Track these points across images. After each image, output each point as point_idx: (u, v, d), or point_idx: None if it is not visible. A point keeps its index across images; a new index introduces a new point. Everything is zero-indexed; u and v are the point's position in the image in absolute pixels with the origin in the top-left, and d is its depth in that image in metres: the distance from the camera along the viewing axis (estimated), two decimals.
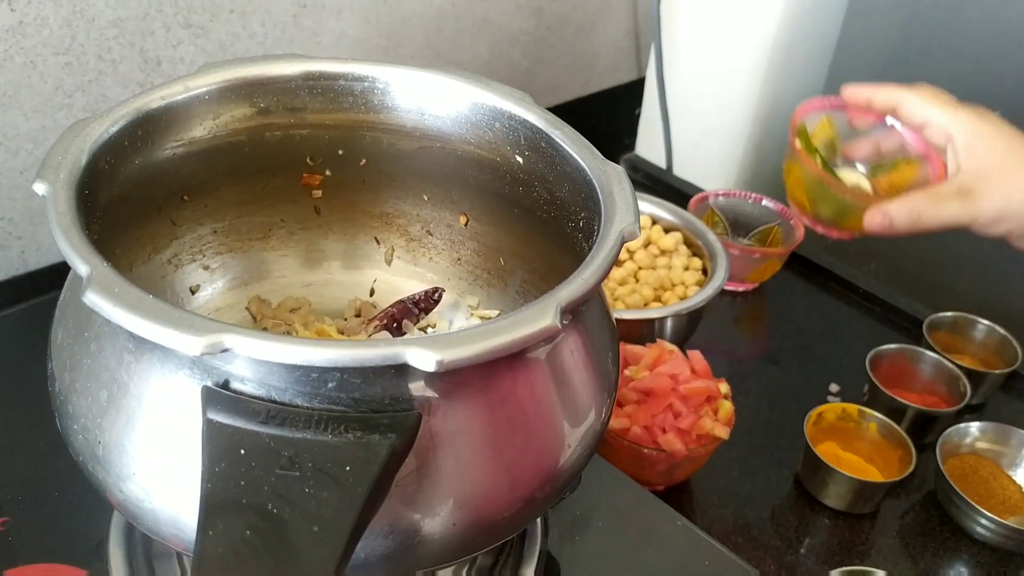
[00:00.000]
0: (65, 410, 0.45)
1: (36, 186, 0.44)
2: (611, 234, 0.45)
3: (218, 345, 0.36)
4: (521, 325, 0.39)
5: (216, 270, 0.63)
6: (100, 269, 0.39)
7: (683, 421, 0.77)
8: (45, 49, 0.72)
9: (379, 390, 0.40)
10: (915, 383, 0.92)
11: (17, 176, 0.76)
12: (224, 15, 0.81)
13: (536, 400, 0.45)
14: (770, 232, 1.11)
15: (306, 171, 0.62)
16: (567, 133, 0.53)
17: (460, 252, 0.65)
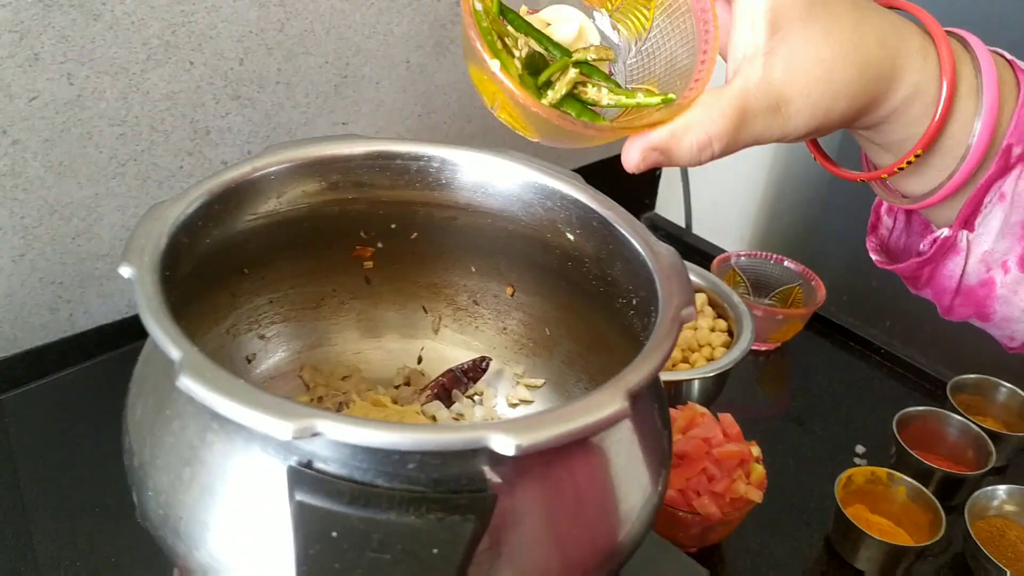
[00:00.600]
0: (144, 485, 0.46)
1: (122, 269, 0.45)
2: (670, 317, 0.47)
3: (309, 429, 0.38)
4: (593, 410, 0.41)
5: (271, 339, 0.65)
6: (191, 353, 0.41)
7: (717, 484, 0.79)
8: (101, 121, 0.75)
9: (456, 471, 0.41)
10: (942, 446, 0.94)
11: (69, 242, 0.78)
12: (271, 86, 0.84)
13: (598, 479, 0.46)
14: (791, 292, 1.13)
15: (359, 244, 0.64)
16: (619, 214, 0.55)
17: (506, 322, 0.67)
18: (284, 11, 0.81)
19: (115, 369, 0.84)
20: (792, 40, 0.41)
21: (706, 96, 0.42)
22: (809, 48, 0.41)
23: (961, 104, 0.44)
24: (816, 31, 0.41)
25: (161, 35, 0.75)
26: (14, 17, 0.67)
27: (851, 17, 0.42)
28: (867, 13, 0.43)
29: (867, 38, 0.42)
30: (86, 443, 0.75)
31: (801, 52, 0.41)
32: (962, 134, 0.44)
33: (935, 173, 0.46)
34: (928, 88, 0.43)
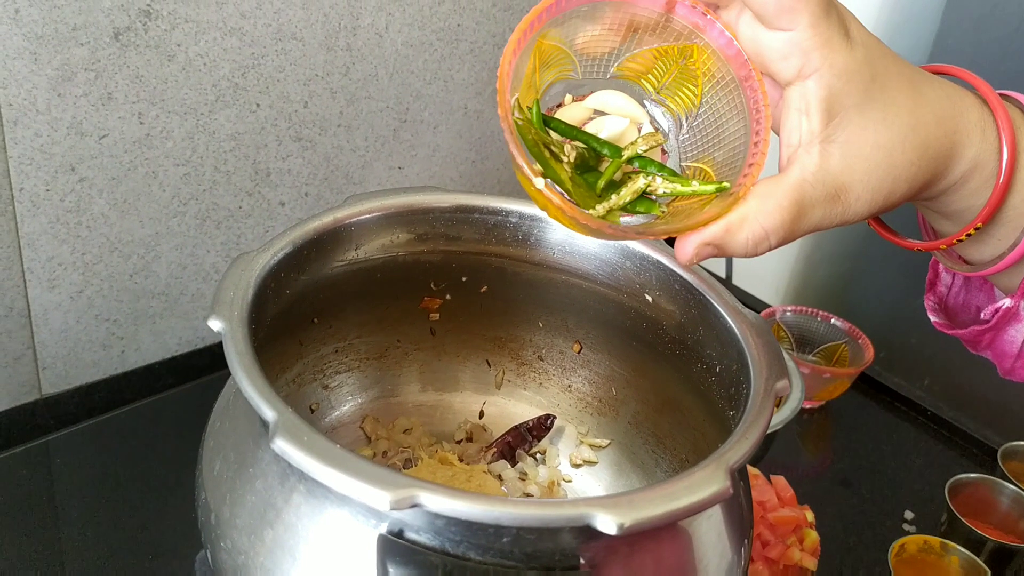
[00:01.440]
0: (222, 544, 0.45)
1: (212, 323, 0.45)
2: (764, 390, 0.46)
3: (408, 500, 0.37)
4: (696, 489, 0.39)
5: (334, 389, 0.64)
6: (285, 415, 0.40)
7: (771, 551, 0.77)
8: (167, 160, 0.75)
9: (551, 546, 0.40)
10: (993, 515, 0.92)
11: (127, 279, 0.77)
12: (332, 129, 0.84)
13: (686, 558, 0.45)
14: (837, 350, 1.12)
15: (428, 295, 0.64)
16: (703, 278, 0.55)
17: (571, 379, 0.66)
18: (351, 55, 0.81)
19: (163, 410, 0.84)
20: (849, 126, 0.39)
21: (762, 186, 0.40)
22: (867, 134, 0.39)
23: (1022, 173, 0.42)
24: (873, 116, 0.39)
25: (231, 77, 0.75)
26: (91, 56, 0.67)
27: (908, 98, 0.40)
28: (923, 91, 0.41)
29: (925, 118, 0.40)
30: (128, 485, 0.74)
31: (859, 138, 0.39)
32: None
33: (997, 242, 0.45)
34: (988, 160, 0.42)
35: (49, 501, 0.72)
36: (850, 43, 0.38)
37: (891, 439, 1.07)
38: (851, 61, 0.38)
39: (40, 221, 0.70)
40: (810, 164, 0.39)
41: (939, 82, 0.42)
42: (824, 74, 0.38)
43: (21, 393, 0.76)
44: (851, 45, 0.38)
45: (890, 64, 0.40)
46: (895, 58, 0.40)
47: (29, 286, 0.72)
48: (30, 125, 0.67)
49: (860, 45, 0.39)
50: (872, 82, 0.38)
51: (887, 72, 0.39)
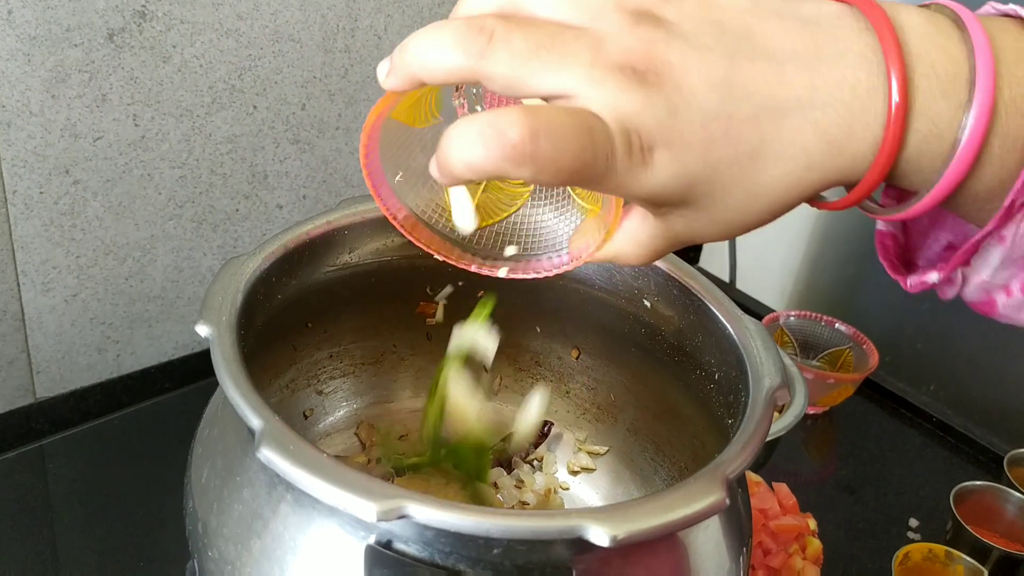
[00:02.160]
0: (209, 554, 0.44)
1: (200, 328, 0.44)
2: (763, 399, 0.45)
3: (395, 511, 0.36)
4: (691, 501, 0.39)
5: (329, 394, 0.63)
6: (272, 423, 0.39)
7: (773, 559, 0.76)
8: (163, 163, 0.74)
9: (542, 558, 0.39)
10: (999, 523, 0.91)
11: (122, 283, 0.77)
12: (330, 132, 0.83)
13: (684, 566, 0.44)
14: (841, 355, 1.11)
15: (423, 300, 0.63)
16: (702, 284, 0.54)
17: (569, 385, 0.65)
18: (349, 57, 0.81)
19: (158, 414, 0.83)
20: (680, 214, 0.36)
21: (627, 227, 0.39)
22: (700, 216, 0.36)
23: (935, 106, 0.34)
24: (701, 206, 0.35)
25: (228, 79, 0.74)
26: (85, 57, 0.66)
27: (742, 180, 0.34)
28: (772, 157, 0.33)
29: (770, 186, 0.34)
30: (125, 491, 0.73)
31: (695, 218, 0.36)
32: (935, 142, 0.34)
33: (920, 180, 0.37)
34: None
35: (43, 506, 0.72)
36: (650, 174, 0.33)
37: (896, 445, 1.06)
38: (653, 189, 0.33)
39: (34, 224, 0.70)
40: (658, 226, 0.38)
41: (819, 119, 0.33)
42: (630, 200, 0.37)
43: (15, 397, 0.76)
44: (651, 175, 0.33)
45: (717, 157, 0.33)
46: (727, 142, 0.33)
47: (23, 289, 0.72)
48: (23, 127, 0.66)
49: (665, 168, 0.33)
50: (689, 190, 0.34)
51: (711, 171, 0.34)
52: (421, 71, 0.33)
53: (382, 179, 0.40)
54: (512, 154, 0.30)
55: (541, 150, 0.30)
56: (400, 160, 0.41)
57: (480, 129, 0.30)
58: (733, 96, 0.32)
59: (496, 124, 0.30)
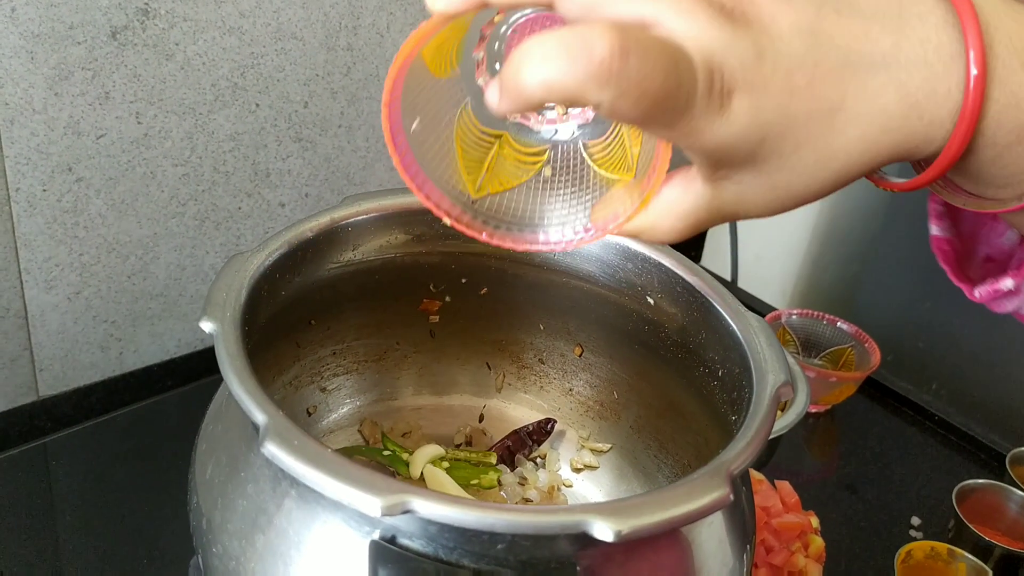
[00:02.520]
0: (213, 549, 0.44)
1: (204, 324, 0.44)
2: (768, 395, 0.45)
3: (400, 506, 0.36)
4: (694, 496, 0.39)
5: (332, 392, 0.63)
6: (277, 419, 0.39)
7: (775, 557, 0.76)
8: (165, 160, 0.74)
9: (546, 553, 0.39)
10: (1002, 521, 0.90)
11: (125, 280, 0.77)
12: (333, 130, 0.83)
13: (685, 565, 0.44)
14: (843, 353, 1.11)
15: (427, 297, 0.63)
16: (706, 280, 0.54)
17: (572, 383, 0.65)
18: (351, 55, 0.81)
19: (161, 412, 0.83)
20: (739, 175, 0.34)
21: (666, 197, 0.37)
22: (760, 179, 0.34)
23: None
24: (767, 166, 0.34)
25: (230, 76, 0.74)
26: (88, 55, 0.66)
27: (818, 138, 0.33)
28: (852, 114, 0.33)
29: (845, 149, 0.33)
30: (128, 488, 0.73)
31: (752, 183, 0.34)
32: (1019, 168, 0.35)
33: (1000, 192, 0.37)
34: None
35: (46, 503, 0.72)
36: (725, 120, 0.31)
37: (898, 444, 1.06)
38: (725, 139, 0.32)
39: (37, 221, 0.70)
40: (703, 196, 0.36)
41: (907, 70, 0.32)
42: (694, 152, 0.34)
43: (18, 395, 0.76)
44: (727, 122, 0.31)
45: (797, 109, 0.32)
46: (810, 93, 0.32)
47: (26, 287, 0.72)
48: (27, 124, 0.66)
49: (743, 115, 0.31)
50: (760, 144, 0.33)
51: (787, 125, 0.33)
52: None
53: (400, 125, 0.37)
54: (598, 70, 0.27)
55: (629, 69, 0.27)
56: (418, 107, 0.39)
57: (563, 41, 0.27)
58: (820, 46, 0.31)
59: (583, 36, 0.27)
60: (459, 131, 0.41)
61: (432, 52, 0.37)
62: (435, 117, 0.40)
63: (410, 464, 0.59)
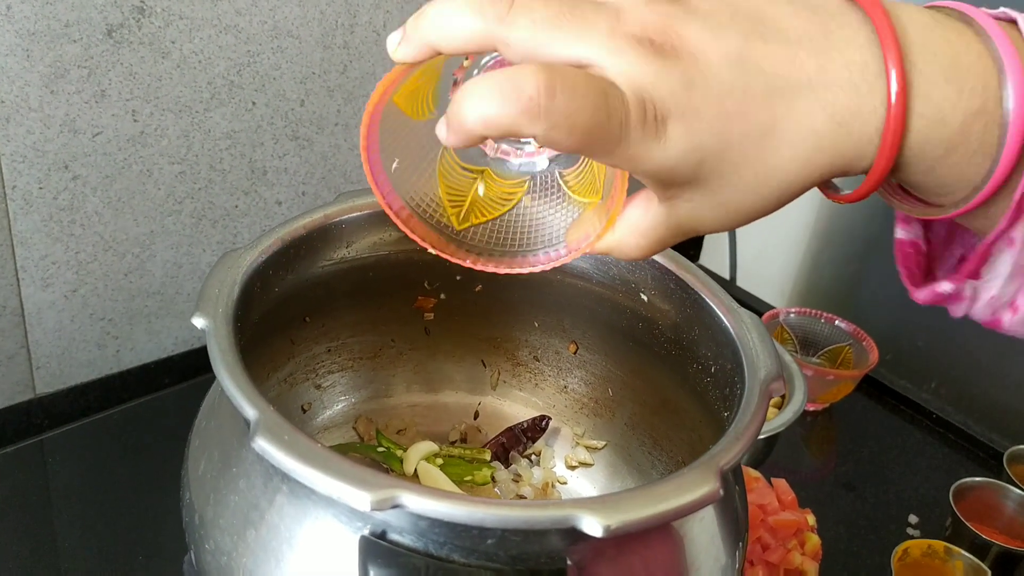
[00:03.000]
0: (205, 545, 0.44)
1: (196, 320, 0.44)
2: (759, 390, 0.45)
3: (389, 501, 0.36)
4: (684, 491, 0.39)
5: (327, 389, 0.63)
6: (267, 414, 0.39)
7: (772, 555, 0.76)
8: (162, 158, 0.74)
9: (536, 548, 0.39)
10: (999, 519, 0.90)
11: (122, 278, 0.77)
12: (329, 128, 0.83)
13: (677, 561, 0.44)
14: (841, 352, 1.11)
15: (422, 294, 0.63)
16: (699, 277, 0.54)
17: (567, 380, 0.65)
18: (348, 53, 0.81)
19: (158, 410, 0.83)
20: (687, 194, 0.36)
21: (628, 218, 0.39)
22: (707, 199, 0.36)
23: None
24: (710, 186, 0.35)
25: (226, 74, 0.74)
26: (84, 53, 0.67)
27: (754, 159, 0.34)
28: (784, 136, 0.34)
29: (781, 168, 0.35)
30: (125, 486, 0.73)
31: (701, 201, 0.36)
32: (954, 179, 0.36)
33: (943, 197, 0.38)
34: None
35: (43, 501, 0.72)
36: (663, 145, 0.33)
37: (896, 442, 1.06)
38: (664, 162, 0.33)
39: (33, 219, 0.70)
40: (660, 215, 0.38)
41: (831, 91, 0.34)
42: (639, 175, 0.36)
43: (15, 392, 0.76)
44: (664, 147, 0.33)
45: (730, 133, 0.33)
46: (742, 117, 0.33)
47: (22, 285, 0.72)
48: (22, 122, 0.66)
49: (679, 140, 0.33)
50: (699, 166, 0.34)
51: (723, 147, 0.34)
52: (438, 38, 0.33)
53: (380, 166, 0.40)
54: (528, 106, 0.30)
55: (557, 105, 0.30)
56: (397, 148, 0.41)
57: (496, 82, 0.30)
58: (747, 73, 0.33)
59: (513, 77, 0.30)
60: (442, 168, 0.44)
61: (406, 98, 0.40)
62: (416, 156, 0.42)
63: (404, 461, 0.60)
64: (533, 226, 0.44)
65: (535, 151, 0.44)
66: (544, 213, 0.44)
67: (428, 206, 0.43)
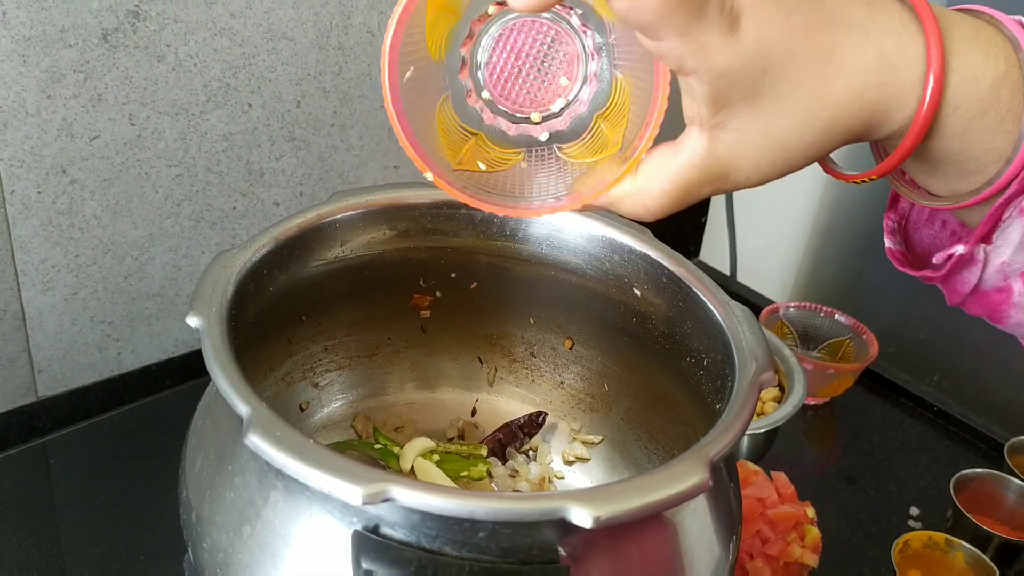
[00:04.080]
0: (201, 540, 0.45)
1: (190, 319, 0.45)
2: (748, 382, 0.46)
3: (380, 495, 0.37)
4: (674, 482, 0.39)
5: (325, 387, 0.64)
6: (260, 410, 0.40)
7: (771, 548, 0.76)
8: (159, 161, 0.75)
9: (528, 541, 0.40)
10: (999, 510, 0.90)
11: (121, 281, 0.77)
12: (326, 129, 0.84)
13: (670, 551, 0.44)
14: (841, 345, 1.11)
15: (417, 292, 0.63)
16: (691, 271, 0.54)
17: (563, 375, 0.66)
18: (343, 55, 0.81)
19: (159, 411, 0.84)
20: (738, 116, 0.37)
21: (654, 161, 0.39)
22: (758, 124, 0.37)
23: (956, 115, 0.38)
24: (766, 107, 0.37)
25: (222, 77, 0.75)
26: (80, 57, 0.67)
27: (812, 82, 0.37)
28: (839, 64, 0.37)
29: (834, 99, 0.37)
30: (127, 487, 0.74)
31: (749, 127, 0.37)
32: (984, 147, 0.39)
33: (959, 181, 0.41)
34: None
35: (46, 502, 0.73)
36: (735, 41, 0.35)
37: (896, 435, 1.06)
38: (733, 61, 0.35)
39: (32, 223, 0.71)
40: (698, 149, 0.38)
41: (878, 37, 0.37)
42: (703, 75, 0.36)
43: (17, 396, 0.77)
44: (736, 43, 0.35)
45: (798, 40, 0.36)
46: (806, 35, 0.36)
47: (23, 289, 0.72)
48: (20, 127, 0.67)
49: (751, 39, 0.35)
50: (763, 75, 0.36)
51: (787, 56, 0.36)
52: None
53: (397, 63, 0.39)
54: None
55: None
56: (412, 62, 0.40)
57: None
58: (809, 1, 0.36)
59: None
60: (440, 116, 0.43)
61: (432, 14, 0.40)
62: (423, 86, 0.42)
63: (401, 458, 0.60)
64: (533, 180, 0.44)
65: (531, 127, 0.44)
66: (544, 173, 0.44)
67: (428, 135, 0.42)
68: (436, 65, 0.42)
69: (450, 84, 0.43)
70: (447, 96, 0.43)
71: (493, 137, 0.44)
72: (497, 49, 0.42)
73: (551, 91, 0.43)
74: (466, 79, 0.43)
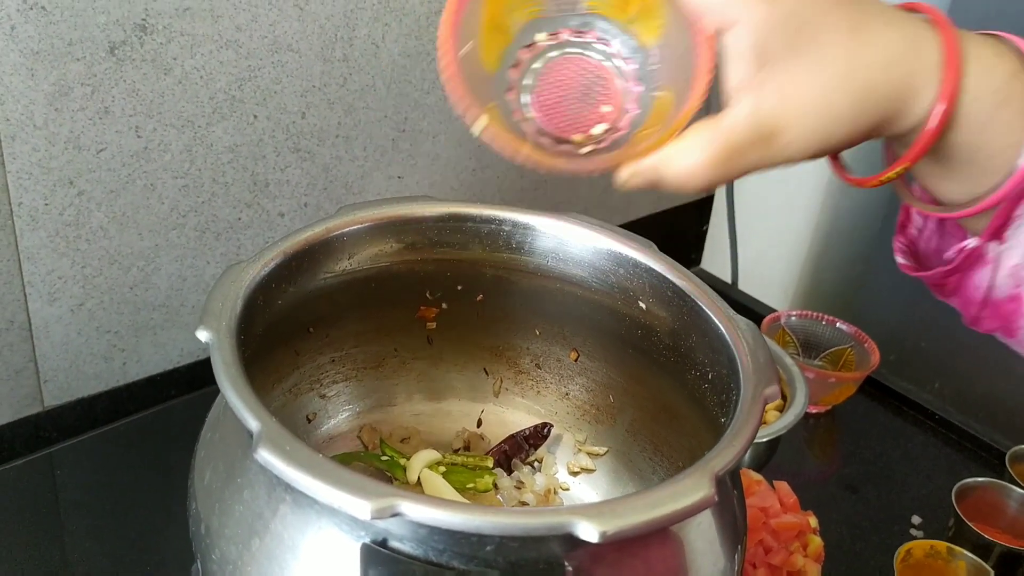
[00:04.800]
0: (211, 554, 0.45)
1: (199, 333, 0.45)
2: (752, 396, 0.46)
3: (389, 509, 0.37)
4: (679, 497, 0.39)
5: (331, 399, 0.64)
6: (269, 425, 0.40)
7: (774, 557, 0.76)
8: (165, 173, 0.75)
9: (534, 554, 0.40)
10: (1001, 519, 0.91)
11: (127, 291, 0.78)
12: (331, 140, 0.84)
13: (675, 565, 0.45)
14: (843, 354, 1.11)
15: (424, 304, 0.64)
16: (696, 284, 0.54)
17: (568, 387, 0.66)
18: (347, 66, 0.82)
19: (165, 421, 0.84)
20: (781, 73, 0.40)
21: (698, 126, 0.41)
22: (800, 79, 0.40)
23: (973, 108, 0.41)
24: (805, 62, 0.40)
25: (228, 89, 0.75)
26: (87, 70, 0.68)
27: (845, 44, 0.40)
28: (870, 35, 0.40)
29: (866, 62, 0.40)
30: (133, 496, 0.74)
31: (792, 83, 0.40)
32: (1003, 142, 0.41)
33: (971, 182, 0.43)
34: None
35: (52, 512, 0.73)
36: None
37: (898, 443, 1.06)
38: (772, 13, 0.39)
39: (39, 235, 0.71)
40: (743, 108, 0.40)
41: (900, 24, 0.41)
42: (745, 23, 0.39)
43: (23, 406, 0.77)
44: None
45: (830, 9, 0.40)
46: (837, 6, 0.40)
47: (29, 299, 0.73)
48: (28, 140, 0.67)
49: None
50: (799, 31, 0.39)
51: (821, 19, 0.40)
52: None
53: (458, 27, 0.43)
54: None
55: None
56: (471, 35, 0.44)
57: None
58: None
59: None
60: (491, 115, 0.45)
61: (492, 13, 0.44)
62: (476, 88, 0.44)
63: (407, 469, 0.60)
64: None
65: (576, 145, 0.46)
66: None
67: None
68: (488, 76, 0.45)
69: (497, 96, 0.45)
70: (495, 105, 0.45)
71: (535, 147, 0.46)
72: (544, 78, 0.46)
73: (593, 117, 0.46)
74: (513, 99, 0.46)
